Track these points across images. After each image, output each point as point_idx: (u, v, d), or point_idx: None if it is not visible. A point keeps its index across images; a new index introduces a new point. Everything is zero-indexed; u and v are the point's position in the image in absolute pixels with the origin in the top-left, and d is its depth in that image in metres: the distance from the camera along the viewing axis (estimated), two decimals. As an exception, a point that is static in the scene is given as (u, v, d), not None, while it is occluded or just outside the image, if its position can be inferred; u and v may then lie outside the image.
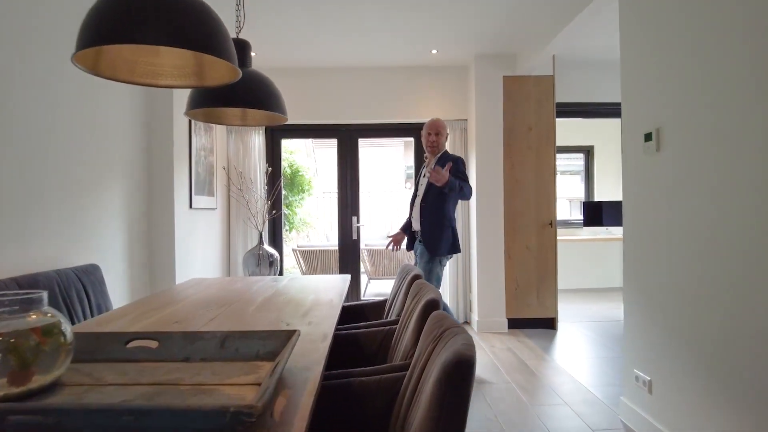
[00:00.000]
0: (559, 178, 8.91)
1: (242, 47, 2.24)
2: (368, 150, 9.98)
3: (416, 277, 2.25)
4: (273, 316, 1.87)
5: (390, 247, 3.61)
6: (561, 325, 4.69)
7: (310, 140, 11.10)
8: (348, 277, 2.86)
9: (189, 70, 1.69)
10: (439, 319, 1.38)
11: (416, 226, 3.42)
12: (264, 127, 4.85)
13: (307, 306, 2.05)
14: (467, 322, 4.83)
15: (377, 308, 2.67)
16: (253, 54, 4.36)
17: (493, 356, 3.75)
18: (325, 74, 4.83)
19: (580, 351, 3.90)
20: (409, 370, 1.42)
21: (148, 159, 3.65)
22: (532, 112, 4.53)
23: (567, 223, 6.99)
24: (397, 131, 4.98)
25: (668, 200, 2.21)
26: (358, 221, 5.02)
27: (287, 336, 1.31)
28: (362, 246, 6.86)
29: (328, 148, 12.20)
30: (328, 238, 9.18)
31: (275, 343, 1.31)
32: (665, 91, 2.22)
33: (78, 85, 2.84)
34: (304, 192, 7.01)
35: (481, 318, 4.52)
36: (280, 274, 4.96)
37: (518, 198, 4.54)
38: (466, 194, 3.26)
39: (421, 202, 3.33)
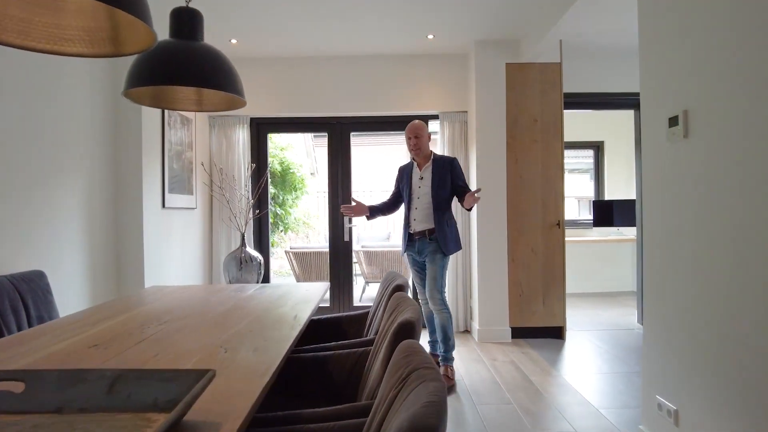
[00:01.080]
0: (566, 175, 8.55)
1: (192, 17, 1.90)
2: (368, 148, 9.65)
3: (398, 288, 1.90)
4: (214, 338, 1.53)
5: (343, 211, 3.46)
6: (569, 334, 4.32)
7: (310, 138, 10.80)
8: (326, 285, 2.51)
9: (103, 35, 1.35)
10: (408, 354, 1.04)
11: (419, 227, 3.30)
12: (249, 121, 4.53)
13: (263, 324, 1.71)
14: (467, 331, 4.48)
15: (357, 322, 2.33)
16: (233, 41, 4.05)
17: (493, 371, 3.39)
18: (313, 63, 4.50)
19: (590, 365, 3.53)
20: (368, 419, 1.08)
21: (113, 153, 3.33)
22: (538, 103, 4.16)
23: (575, 224, 6.61)
24: (392, 124, 4.63)
25: (698, 195, 1.84)
26: (350, 222, 4.68)
27: (197, 377, 0.97)
28: (359, 248, 6.53)
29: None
30: (327, 239, 8.84)
31: (180, 386, 0.97)
32: (695, 65, 1.85)
33: (26, 65, 2.52)
34: (296, 190, 6.67)
35: (482, 327, 4.16)
36: (265, 279, 4.63)
37: (523, 196, 4.18)
38: None
39: (432, 201, 3.26)
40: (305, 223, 9.14)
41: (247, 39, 4.06)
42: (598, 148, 6.60)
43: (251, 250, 4.14)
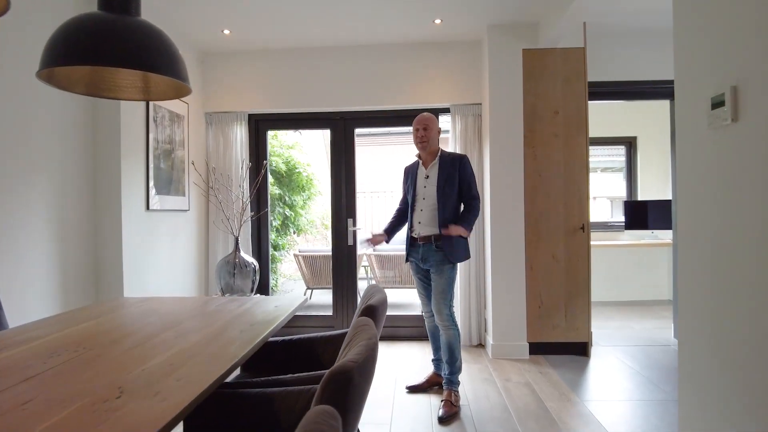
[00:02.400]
0: (599, 175, 7.97)
1: (125, -14, 1.61)
2: (381, 148, 9.33)
3: (367, 311, 1.56)
4: (121, 374, 1.22)
5: (367, 246, 3.26)
6: (596, 350, 3.87)
7: (329, 138, 10.52)
8: (300, 298, 2.19)
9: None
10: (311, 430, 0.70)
11: (424, 231, 2.96)
12: (247, 118, 4.27)
13: (196, 353, 1.40)
14: (481, 345, 4.08)
15: (333, 344, 1.99)
16: (226, 32, 3.80)
17: (504, 394, 2.99)
18: (313, 55, 4.20)
19: (618, 389, 3.09)
20: None
21: (91, 152, 3.10)
22: (559, 93, 3.74)
23: (606, 226, 6.09)
24: (399, 119, 4.28)
25: (749, 191, 1.43)
26: (354, 224, 4.35)
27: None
28: (371, 251, 6.21)
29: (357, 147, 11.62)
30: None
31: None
32: (746, 29, 1.44)
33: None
34: (306, 191, 6.38)
35: (496, 341, 3.76)
36: (263, 286, 4.36)
37: (542, 197, 3.76)
38: (478, 214, 2.99)
39: (438, 203, 2.92)
40: (324, 225, 8.87)
41: (240, 29, 3.79)
42: (630, 144, 6.06)
43: (246, 255, 3.87)
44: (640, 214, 5.48)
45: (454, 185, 2.93)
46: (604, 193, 8.65)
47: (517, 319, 3.75)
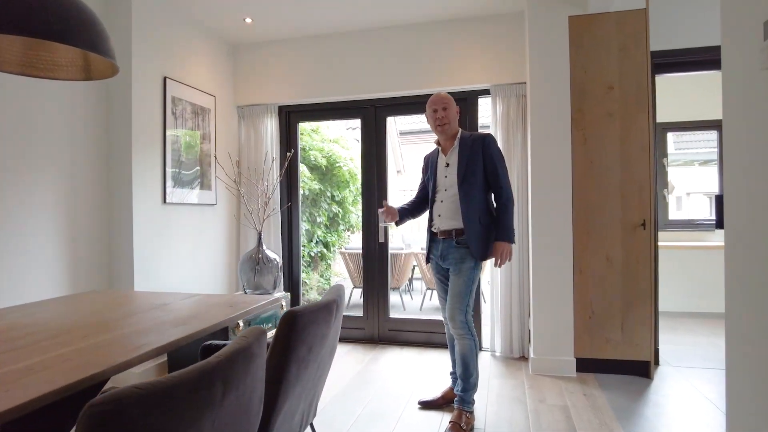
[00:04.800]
0: (697, 169, 6.98)
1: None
2: (424, 147, 9.02)
3: (285, 317, 1.28)
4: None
5: (383, 219, 2.85)
6: (662, 371, 3.23)
7: (395, 135, 10.33)
8: (265, 298, 1.94)
9: None
10: None
11: (445, 225, 2.61)
12: (277, 110, 4.14)
13: (69, 358, 1.20)
14: (524, 357, 3.59)
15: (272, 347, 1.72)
16: (248, 20, 3.69)
17: (532, 419, 2.53)
18: (339, 41, 3.96)
19: (681, 425, 2.49)
20: None
21: (104, 144, 3.11)
22: (614, 65, 3.16)
23: (693, 225, 5.23)
24: (432, 105, 3.91)
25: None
26: (384, 221, 4.04)
27: None
28: (418, 251, 5.87)
29: (418, 143, 11.31)
30: (404, 240, 8.28)
31: None
32: None
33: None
34: (349, 186, 6.16)
35: (537, 355, 3.26)
36: (291, 282, 4.20)
37: (594, 188, 3.21)
38: (513, 206, 2.61)
39: (459, 192, 2.56)
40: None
41: (263, 17, 3.65)
42: (721, 128, 5.14)
43: (269, 251, 3.73)
44: (736, 211, 4.59)
45: (477, 171, 2.53)
46: (703, 189, 7.58)
47: (563, 330, 3.23)
